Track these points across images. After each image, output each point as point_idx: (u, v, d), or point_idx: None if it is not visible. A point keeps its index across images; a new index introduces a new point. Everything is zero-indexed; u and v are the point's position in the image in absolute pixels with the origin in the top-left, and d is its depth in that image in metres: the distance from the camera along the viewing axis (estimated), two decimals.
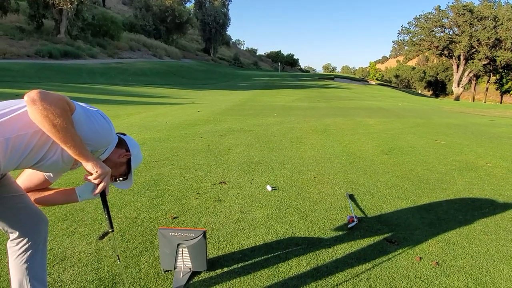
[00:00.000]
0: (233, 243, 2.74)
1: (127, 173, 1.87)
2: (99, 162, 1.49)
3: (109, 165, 1.73)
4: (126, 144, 1.82)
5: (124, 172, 1.85)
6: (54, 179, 1.83)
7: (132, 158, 1.83)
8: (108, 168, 1.55)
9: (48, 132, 1.34)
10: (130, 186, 1.89)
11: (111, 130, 1.62)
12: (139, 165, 1.97)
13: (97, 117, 1.56)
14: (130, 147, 1.82)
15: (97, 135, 1.54)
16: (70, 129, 1.36)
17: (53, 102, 1.31)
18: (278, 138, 7.36)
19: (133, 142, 1.87)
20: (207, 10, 75.77)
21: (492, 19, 53.32)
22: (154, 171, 4.68)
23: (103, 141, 1.60)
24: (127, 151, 1.80)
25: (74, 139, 1.38)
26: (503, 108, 30.36)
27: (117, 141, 1.77)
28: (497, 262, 2.54)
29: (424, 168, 5.18)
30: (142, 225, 3.03)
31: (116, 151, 1.76)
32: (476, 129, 10.06)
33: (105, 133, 1.59)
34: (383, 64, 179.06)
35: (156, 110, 12.99)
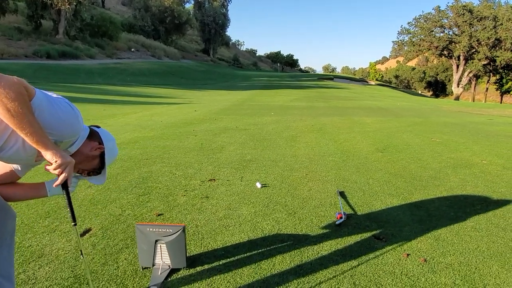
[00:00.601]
0: (216, 240, 2.68)
1: (100, 167, 1.79)
2: (59, 152, 1.41)
3: (80, 158, 1.66)
4: (99, 136, 1.75)
5: (98, 166, 1.78)
6: (22, 173, 1.75)
7: (106, 152, 1.75)
8: (71, 158, 1.47)
9: (3, 118, 1.26)
10: (103, 181, 1.82)
11: (77, 120, 1.54)
12: (114, 160, 1.90)
13: (62, 105, 1.48)
14: (103, 140, 1.75)
15: (60, 123, 1.46)
16: (27, 115, 1.28)
17: (7, 85, 1.23)
18: (273, 137, 7.29)
19: (107, 135, 1.79)
20: (206, 10, 75.73)
21: (492, 19, 53.23)
22: (143, 168, 4.62)
23: (68, 130, 1.52)
24: (100, 144, 1.73)
25: (31, 125, 1.30)
26: (502, 108, 30.29)
27: (88, 132, 1.70)
28: (486, 259, 2.47)
29: (418, 166, 5.11)
30: (125, 222, 2.96)
31: (88, 143, 1.68)
32: (473, 128, 9.99)
33: (70, 122, 1.51)
34: (383, 64, 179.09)
35: (153, 110, 12.93)
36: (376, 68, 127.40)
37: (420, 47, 61.86)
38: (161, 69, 45.72)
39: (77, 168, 1.71)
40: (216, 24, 76.61)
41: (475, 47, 55.77)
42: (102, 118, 9.86)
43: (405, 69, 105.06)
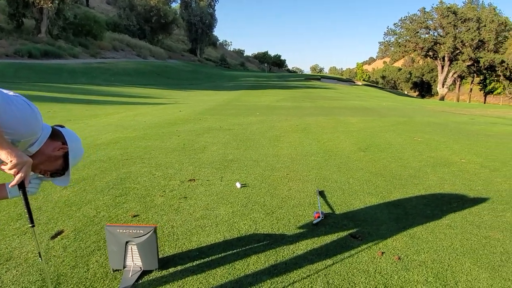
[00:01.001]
0: (191, 241, 2.64)
1: (64, 168, 1.73)
2: (14, 151, 1.36)
3: (42, 158, 1.60)
4: (63, 136, 1.69)
5: (61, 167, 1.72)
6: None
7: (70, 152, 1.70)
8: (27, 158, 1.42)
9: None
10: (67, 183, 1.77)
11: (36, 119, 1.49)
12: (79, 161, 1.84)
13: (19, 103, 1.43)
14: (67, 140, 1.69)
15: (17, 122, 1.41)
16: None
17: None
18: (256, 137, 7.27)
19: (72, 135, 1.74)
20: (193, 10, 75.39)
21: (475, 20, 54.43)
22: (122, 169, 4.54)
23: (26, 129, 1.46)
24: (64, 144, 1.68)
25: None
26: (485, 108, 30.92)
27: (50, 132, 1.64)
28: (459, 256, 2.49)
29: (399, 164, 5.16)
30: (99, 224, 2.90)
31: (50, 143, 1.63)
32: (455, 127, 10.15)
33: (28, 121, 1.45)
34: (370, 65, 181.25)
35: (137, 110, 12.78)
36: (363, 68, 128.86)
37: (406, 48, 62.83)
38: (147, 69, 45.30)
39: (39, 168, 1.65)
40: (203, 24, 76.32)
41: (459, 48, 56.92)
42: (84, 118, 9.69)
43: (391, 69, 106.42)
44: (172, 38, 79.03)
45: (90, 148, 5.73)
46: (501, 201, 3.64)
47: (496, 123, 12.37)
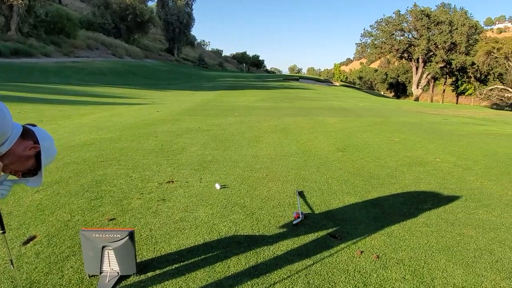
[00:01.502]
0: (170, 244, 2.59)
1: (36, 168, 1.66)
2: None
3: (12, 158, 1.53)
4: (35, 135, 1.62)
5: (33, 167, 1.64)
6: None
7: (42, 152, 1.63)
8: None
9: None
10: (40, 183, 1.69)
11: (4, 117, 1.42)
12: (52, 161, 1.77)
13: None
14: (39, 139, 1.62)
15: None
16: None
17: None
18: (236, 137, 7.24)
19: (44, 134, 1.67)
20: (170, 9, 74.55)
21: (447, 24, 56.31)
22: (97, 171, 4.42)
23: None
24: (36, 143, 1.61)
25: None
26: (457, 108, 32.00)
27: (20, 131, 1.57)
28: (435, 253, 2.55)
29: (376, 164, 5.25)
30: (74, 228, 2.81)
31: (21, 143, 1.55)
32: (429, 127, 10.44)
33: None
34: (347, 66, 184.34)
35: (112, 111, 12.49)
36: (340, 69, 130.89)
37: (382, 49, 64.27)
38: (123, 68, 44.44)
39: (9, 169, 1.58)
40: (180, 23, 75.57)
41: (433, 50, 58.74)
42: (56, 119, 9.39)
43: (368, 70, 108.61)
44: (149, 37, 77.88)
45: (63, 150, 5.55)
46: (473, 199, 3.76)
47: (467, 123, 12.81)
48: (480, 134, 9.00)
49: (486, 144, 7.24)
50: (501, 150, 6.56)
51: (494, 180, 4.52)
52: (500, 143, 7.55)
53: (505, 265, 2.43)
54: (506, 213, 3.39)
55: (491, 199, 3.79)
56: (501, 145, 7.25)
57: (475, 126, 11.64)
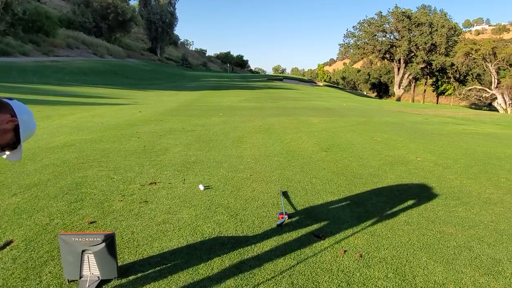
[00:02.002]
0: (153, 247, 2.55)
1: (15, 142, 1.62)
2: None
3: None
4: (12, 109, 1.58)
5: (12, 140, 1.60)
6: None
7: (20, 125, 1.58)
8: None
9: None
10: (20, 157, 1.65)
11: None
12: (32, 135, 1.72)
13: None
14: (17, 113, 1.57)
15: None
16: None
17: None
18: (219, 138, 7.21)
19: (22, 107, 1.62)
20: (152, 8, 73.75)
21: (428, 25, 57.56)
22: (78, 173, 4.32)
23: None
24: (13, 116, 1.56)
25: None
26: (437, 108, 32.72)
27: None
28: (417, 251, 2.59)
29: (359, 164, 5.30)
30: (53, 232, 2.73)
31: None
32: (411, 127, 10.62)
33: None
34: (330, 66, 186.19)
35: (93, 111, 12.26)
36: (324, 69, 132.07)
37: (365, 50, 65.15)
38: (104, 68, 43.66)
39: None
40: (163, 22, 74.86)
41: (414, 51, 59.92)
42: (35, 119, 9.14)
43: (351, 71, 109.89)
44: (131, 37, 76.85)
45: (42, 151, 5.42)
46: (453, 197, 3.84)
47: (447, 122, 13.09)
48: (460, 134, 9.21)
49: (465, 143, 7.42)
50: (479, 149, 6.73)
51: (473, 178, 4.63)
52: (478, 142, 7.75)
53: (484, 262, 2.48)
54: (484, 210, 3.47)
55: (470, 197, 3.88)
56: (479, 144, 7.44)
57: (454, 125, 11.91)
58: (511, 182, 4.51)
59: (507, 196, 3.95)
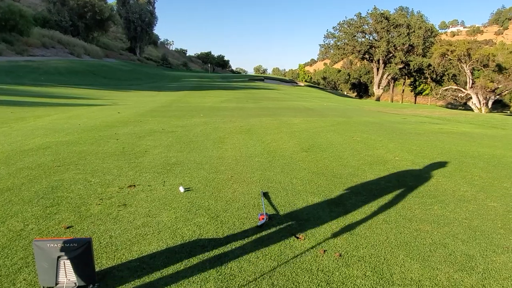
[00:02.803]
0: (132, 251, 2.51)
1: None
2: None
3: None
4: None
5: None
6: None
7: None
8: None
9: None
10: None
11: None
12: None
13: None
14: None
15: None
16: None
17: None
18: (200, 139, 7.16)
19: None
20: (131, 7, 72.63)
21: (405, 26, 58.87)
22: (54, 177, 4.21)
23: None
24: None
25: None
26: (415, 108, 33.46)
27: None
28: (394, 249, 2.64)
29: (339, 164, 5.36)
30: (27, 238, 2.65)
31: None
32: (389, 126, 10.82)
33: None
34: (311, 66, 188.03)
35: (70, 112, 11.98)
36: (305, 69, 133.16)
37: (345, 50, 66.01)
38: (81, 68, 42.69)
39: None
40: (142, 21, 73.83)
41: (392, 52, 61.17)
42: (8, 121, 8.86)
43: (331, 71, 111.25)
44: (109, 36, 75.49)
45: (16, 154, 5.25)
46: (429, 196, 3.94)
47: (424, 122, 13.41)
48: (436, 133, 9.45)
49: (441, 142, 7.62)
50: (454, 148, 6.92)
51: (448, 176, 4.76)
52: (454, 141, 7.97)
53: (458, 258, 2.56)
54: (459, 208, 3.57)
55: (445, 195, 3.99)
56: (454, 143, 7.66)
57: (431, 125, 12.21)
58: (484, 180, 4.66)
59: (480, 193, 4.08)
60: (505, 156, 6.26)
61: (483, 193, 4.09)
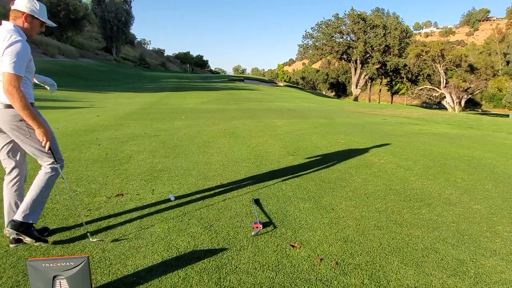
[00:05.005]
0: (126, 265, 2.45)
1: None
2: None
3: None
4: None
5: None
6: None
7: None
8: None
9: None
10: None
11: None
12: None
13: None
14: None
15: None
16: None
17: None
18: (185, 143, 7.09)
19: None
20: (107, 6, 71.09)
21: (382, 27, 60.13)
22: None
23: None
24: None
25: None
26: (394, 108, 34.24)
27: None
28: (388, 256, 2.69)
29: (326, 168, 5.41)
30: (15, 255, 2.55)
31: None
32: (371, 128, 11.01)
33: None
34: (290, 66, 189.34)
35: (47, 116, 11.57)
36: (284, 69, 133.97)
37: (323, 51, 66.78)
38: (55, 68, 41.41)
39: None
40: (118, 21, 72.45)
41: (369, 52, 62.36)
42: None
43: (310, 71, 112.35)
44: (84, 35, 73.66)
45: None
46: (416, 199, 4.03)
47: (404, 123, 13.72)
48: (416, 134, 9.68)
49: (422, 144, 7.81)
50: (435, 150, 7.11)
51: (432, 179, 4.89)
52: (434, 142, 8.19)
53: (450, 263, 2.62)
54: (445, 211, 3.67)
55: (431, 198, 4.09)
56: (435, 144, 7.87)
57: (411, 125, 12.51)
58: (466, 182, 4.81)
59: (464, 196, 4.20)
60: (484, 158, 6.48)
61: (467, 196, 4.21)
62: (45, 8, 2.73)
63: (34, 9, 2.60)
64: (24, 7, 2.55)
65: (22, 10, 2.56)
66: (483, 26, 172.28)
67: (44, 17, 2.69)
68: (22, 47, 2.46)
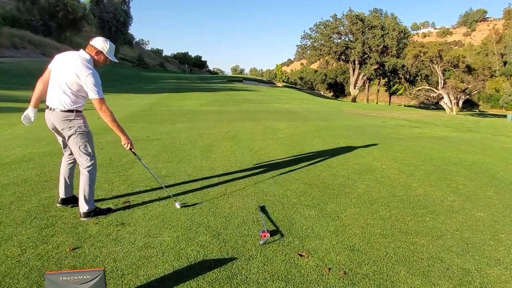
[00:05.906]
0: (139, 275, 2.49)
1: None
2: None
3: None
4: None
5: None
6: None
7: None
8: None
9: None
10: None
11: None
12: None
13: None
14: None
15: None
16: None
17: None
18: (187, 147, 7.12)
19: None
20: (105, 6, 70.95)
21: (380, 28, 60.27)
22: (43, 193, 4.10)
23: None
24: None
25: None
26: (392, 109, 34.35)
27: None
28: (395, 265, 2.73)
29: (329, 173, 5.45)
30: (27, 265, 2.58)
31: None
32: (371, 131, 11.07)
33: None
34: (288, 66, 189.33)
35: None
36: (282, 70, 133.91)
37: (321, 51, 66.81)
38: None
39: None
40: (117, 21, 72.33)
41: (368, 53, 62.46)
42: None
43: (308, 71, 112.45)
44: (83, 36, 73.32)
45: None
46: (419, 206, 4.08)
47: (403, 125, 13.80)
48: (416, 138, 9.75)
49: (423, 148, 7.87)
50: (436, 155, 7.17)
51: (434, 185, 4.94)
52: (434, 146, 8.25)
53: (455, 272, 2.67)
54: (449, 219, 3.72)
55: (434, 205, 4.14)
56: (435, 148, 7.93)
57: (410, 128, 12.58)
58: (468, 188, 4.87)
59: (466, 203, 4.26)
60: (485, 163, 6.55)
61: (469, 203, 4.27)
62: (114, 47, 3.56)
63: (104, 47, 3.43)
64: (98, 44, 3.41)
65: (95, 46, 3.40)
66: (480, 27, 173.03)
67: (110, 56, 3.51)
68: (97, 76, 3.35)
